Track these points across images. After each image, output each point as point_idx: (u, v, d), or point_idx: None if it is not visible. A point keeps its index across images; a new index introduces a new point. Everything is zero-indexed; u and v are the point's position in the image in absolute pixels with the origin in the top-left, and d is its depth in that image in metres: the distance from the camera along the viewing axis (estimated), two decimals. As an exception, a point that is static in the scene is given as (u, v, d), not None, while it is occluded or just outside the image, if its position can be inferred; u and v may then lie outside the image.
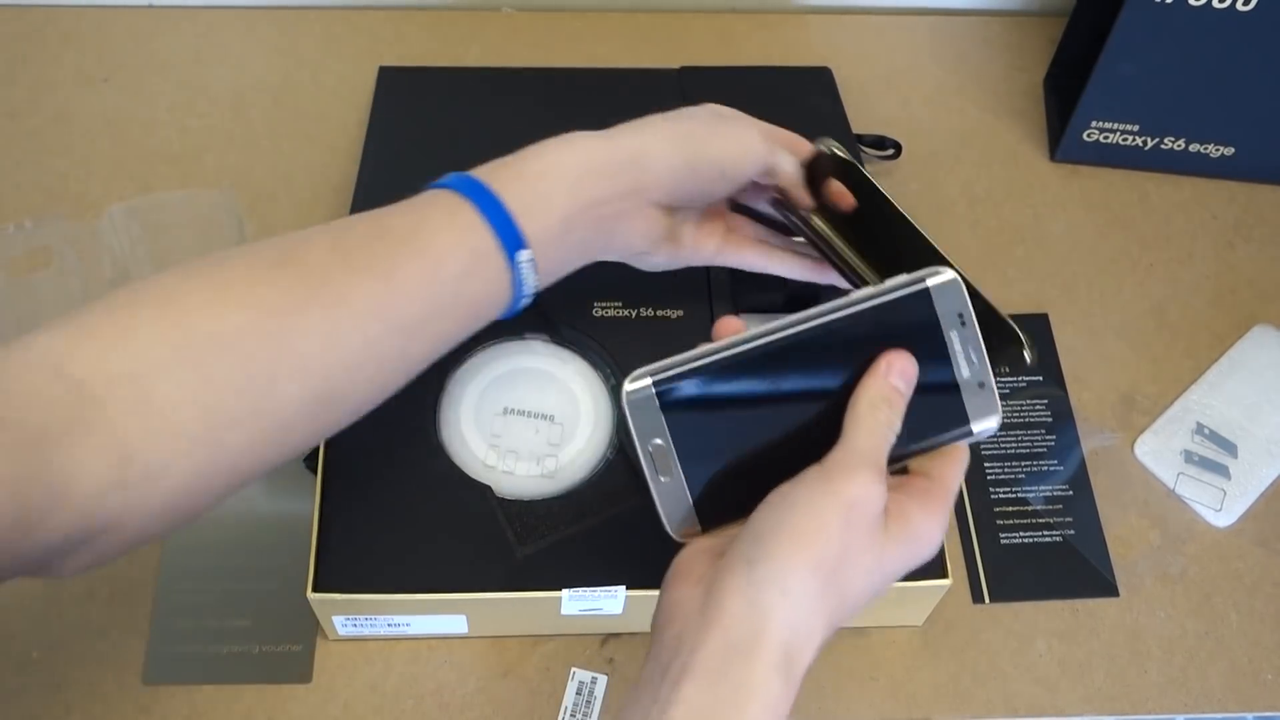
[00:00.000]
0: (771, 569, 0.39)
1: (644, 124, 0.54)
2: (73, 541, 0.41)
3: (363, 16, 0.85)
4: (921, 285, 0.43)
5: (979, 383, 0.43)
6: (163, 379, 0.42)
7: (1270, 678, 0.60)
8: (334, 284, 0.45)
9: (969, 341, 0.43)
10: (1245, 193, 0.80)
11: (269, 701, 0.57)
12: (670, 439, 0.43)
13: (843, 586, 0.40)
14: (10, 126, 0.78)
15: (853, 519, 0.40)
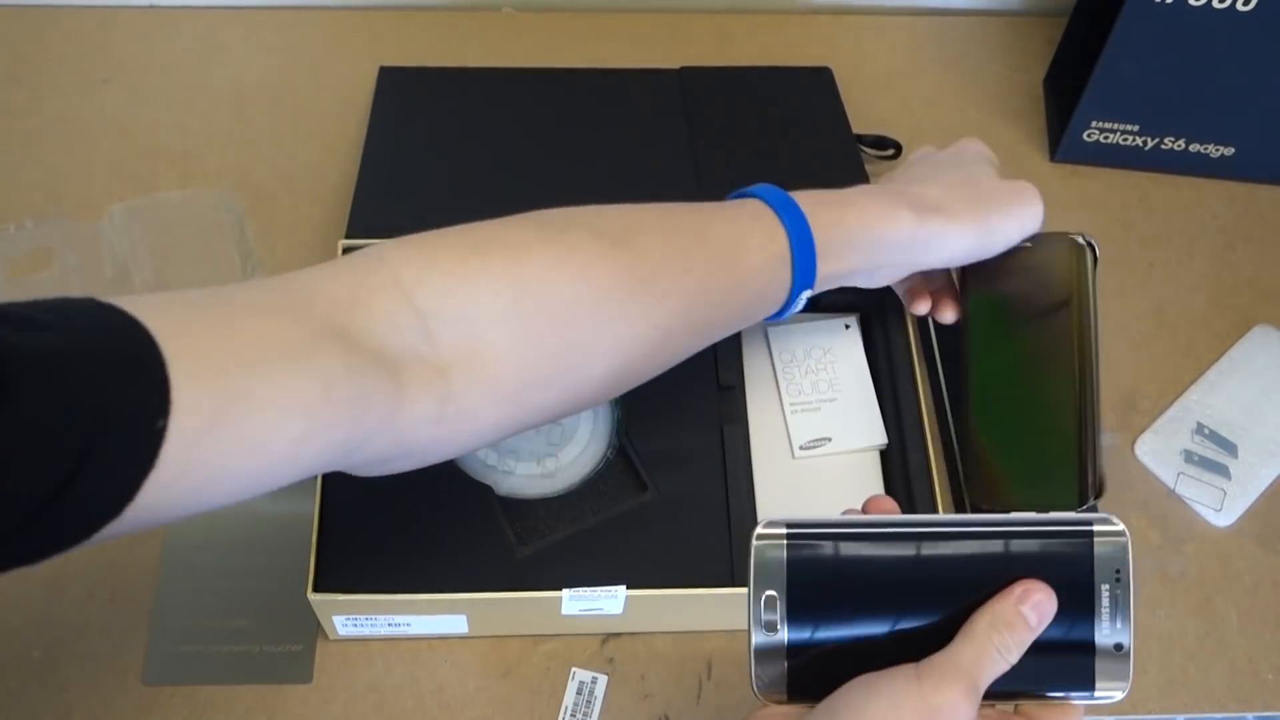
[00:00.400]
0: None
1: (948, 199, 0.54)
2: (372, 464, 0.44)
3: (363, 16, 0.85)
4: (1087, 528, 0.41)
5: (1116, 645, 0.40)
6: (493, 330, 0.44)
7: (1270, 677, 0.60)
8: (660, 280, 0.47)
9: (1119, 601, 0.41)
10: (1245, 193, 0.80)
11: (269, 701, 0.57)
12: (785, 596, 0.41)
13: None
14: (11, 126, 0.78)
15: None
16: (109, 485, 0.35)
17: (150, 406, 0.35)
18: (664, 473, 0.58)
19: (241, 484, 0.40)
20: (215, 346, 0.38)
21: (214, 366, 0.37)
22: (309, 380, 0.39)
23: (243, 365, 0.38)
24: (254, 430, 0.38)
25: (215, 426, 0.37)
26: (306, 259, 0.72)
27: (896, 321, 0.64)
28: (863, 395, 0.63)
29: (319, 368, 0.40)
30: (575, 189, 0.69)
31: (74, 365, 0.34)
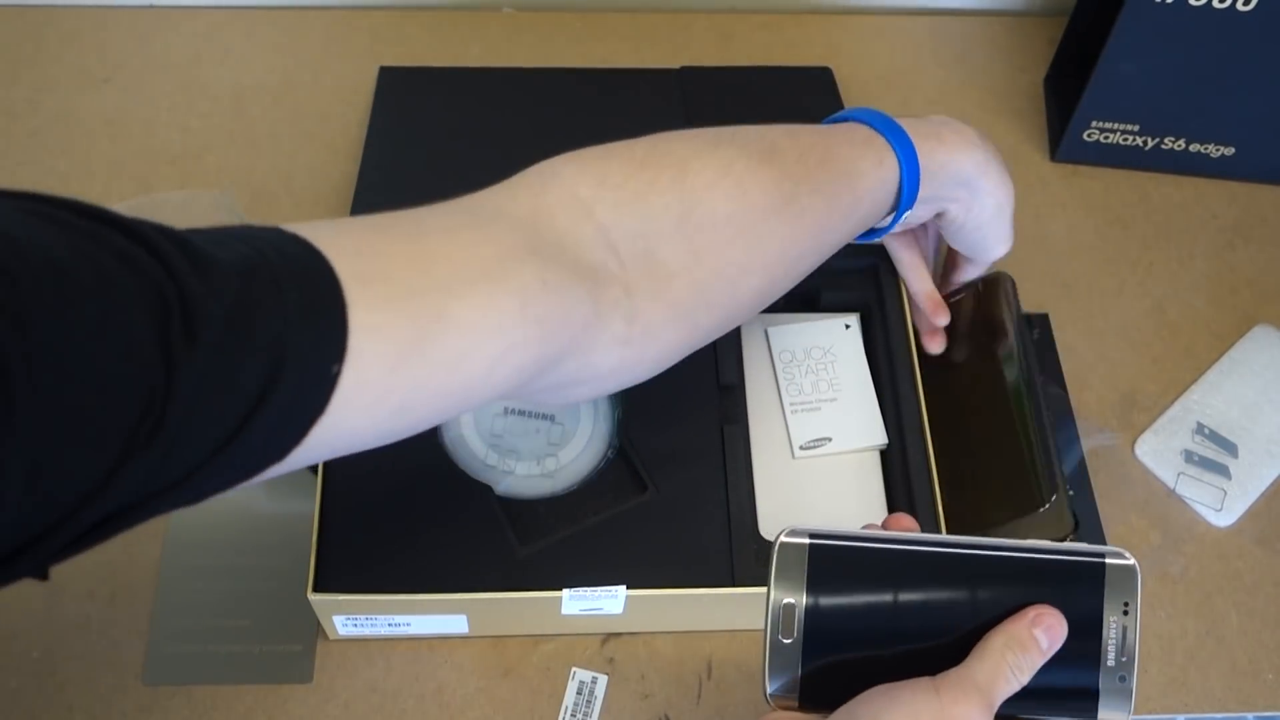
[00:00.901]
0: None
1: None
2: (555, 388, 0.44)
3: (363, 16, 0.85)
4: (1099, 560, 0.42)
5: (1120, 677, 0.41)
6: (666, 247, 0.44)
7: (1271, 677, 0.60)
8: (801, 196, 0.48)
9: (1126, 633, 0.41)
10: (1245, 193, 0.80)
11: (269, 701, 0.57)
12: (804, 602, 0.42)
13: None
14: (11, 126, 0.78)
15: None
16: (276, 431, 0.35)
17: (326, 351, 0.35)
18: (664, 473, 0.58)
19: (440, 405, 0.40)
20: (408, 269, 0.38)
21: (408, 289, 0.37)
22: (506, 297, 0.39)
23: (437, 286, 0.38)
24: (452, 351, 0.38)
25: (413, 350, 0.37)
26: (306, 259, 0.72)
27: (897, 321, 0.64)
28: (863, 395, 0.63)
29: (515, 285, 0.40)
30: (575, 189, 0.69)
31: (258, 299, 0.33)
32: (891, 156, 0.52)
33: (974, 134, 0.58)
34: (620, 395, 0.61)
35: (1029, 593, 0.41)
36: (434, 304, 0.38)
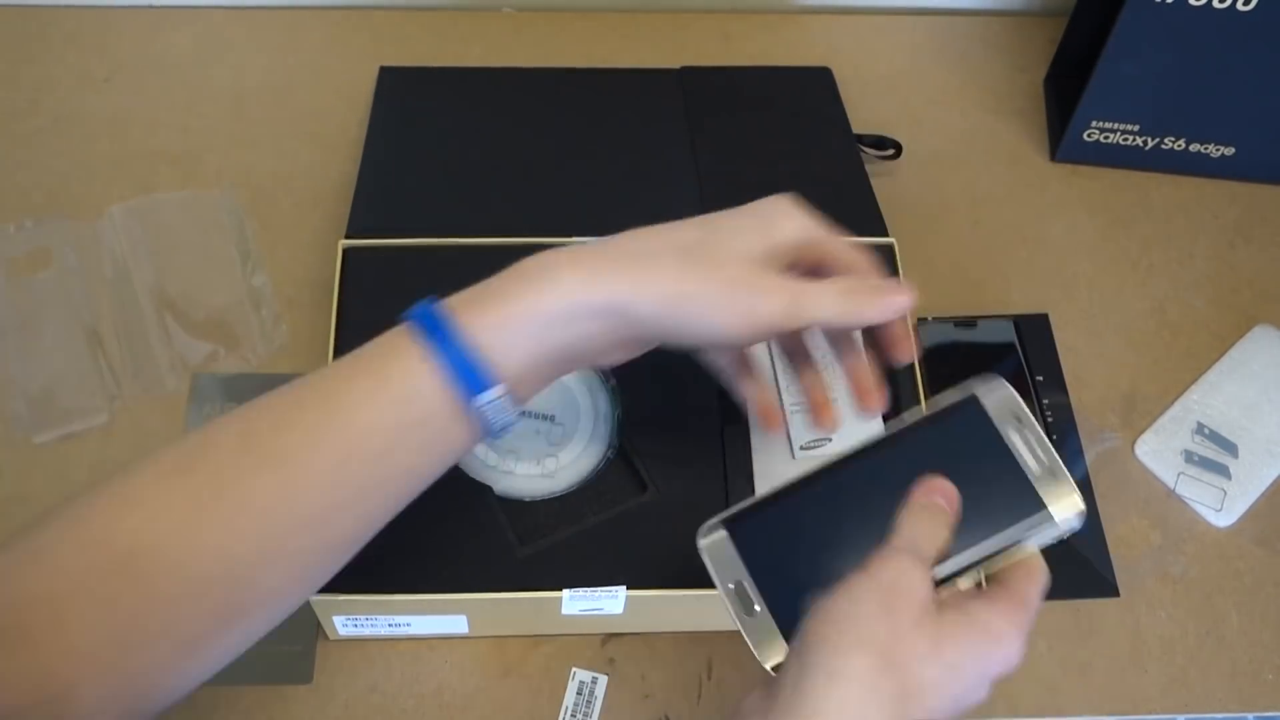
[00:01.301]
0: (818, 656, 0.39)
1: (653, 255, 0.47)
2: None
3: (363, 16, 0.85)
4: (969, 394, 0.44)
5: (1050, 472, 0.43)
6: (75, 601, 0.40)
7: (1271, 677, 0.60)
8: (239, 488, 0.42)
9: (1030, 437, 0.43)
10: (1246, 193, 0.80)
11: (269, 701, 0.57)
12: (749, 577, 0.44)
13: (901, 675, 0.39)
14: (11, 127, 0.78)
15: (893, 604, 0.39)
16: None
17: None
18: (664, 473, 0.58)
19: None
20: None
21: None
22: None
23: None
24: None
25: None
26: (306, 259, 0.72)
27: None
28: (863, 395, 0.63)
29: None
30: (575, 189, 0.69)
31: None
32: (415, 360, 0.44)
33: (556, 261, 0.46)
34: (620, 395, 0.61)
35: (930, 460, 0.44)
36: None
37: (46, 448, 0.64)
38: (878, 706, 0.38)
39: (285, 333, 0.69)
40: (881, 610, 0.39)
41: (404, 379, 0.44)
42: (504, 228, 0.66)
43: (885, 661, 0.38)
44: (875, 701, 0.38)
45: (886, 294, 0.47)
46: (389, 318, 0.62)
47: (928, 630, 0.40)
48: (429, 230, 0.65)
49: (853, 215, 0.68)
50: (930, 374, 0.68)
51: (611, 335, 0.46)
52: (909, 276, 0.69)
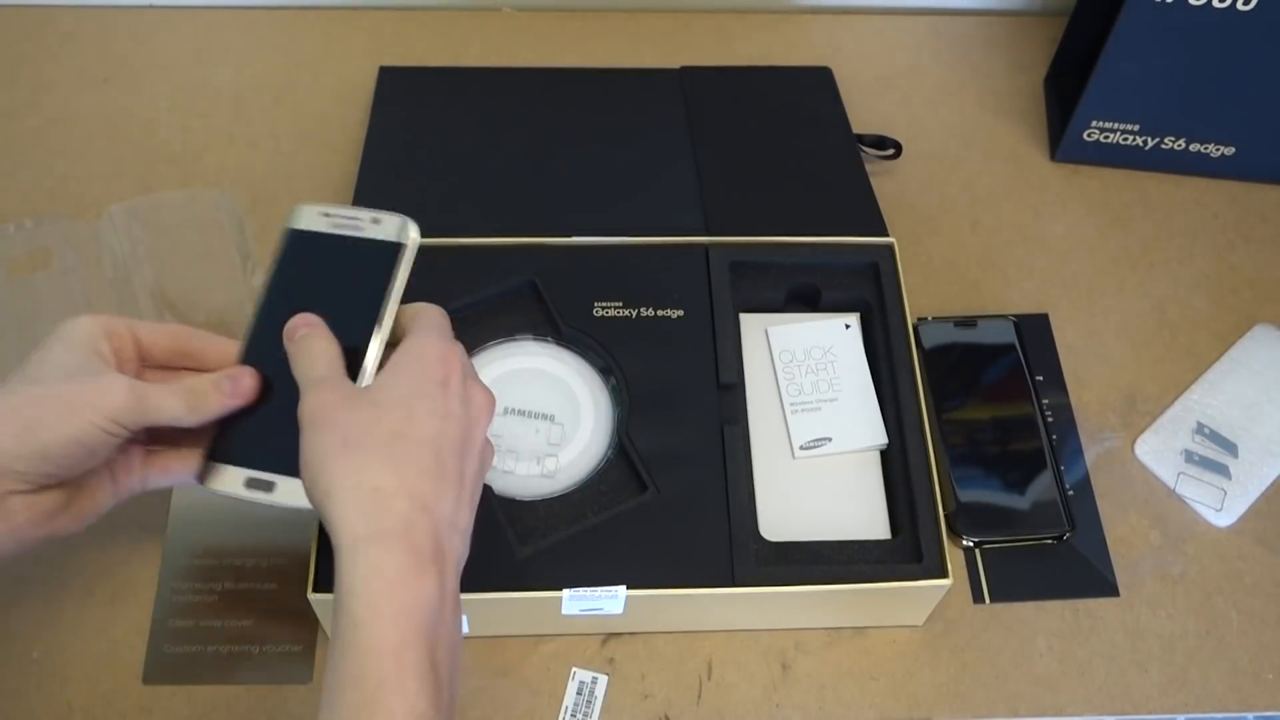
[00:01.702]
0: (311, 496, 0.44)
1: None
2: None
3: (363, 16, 0.85)
4: (285, 229, 0.52)
5: (372, 221, 0.52)
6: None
7: (1271, 677, 0.60)
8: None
9: (339, 215, 0.52)
10: (1246, 192, 0.80)
11: (269, 701, 0.57)
12: (250, 469, 0.50)
13: (366, 438, 0.43)
14: (10, 126, 0.78)
15: (319, 420, 0.44)
16: None
17: None
18: (664, 473, 0.58)
19: None
20: None
21: None
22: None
23: None
24: None
25: None
26: (306, 259, 0.72)
27: (897, 321, 0.64)
28: (863, 395, 0.63)
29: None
30: (575, 189, 0.69)
31: None
32: None
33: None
34: (620, 395, 0.61)
35: (300, 291, 0.51)
36: None
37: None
38: (367, 469, 0.42)
39: (285, 333, 0.69)
40: (318, 427, 0.44)
41: None
42: (504, 228, 0.66)
43: (346, 444, 0.43)
44: (361, 469, 0.42)
45: (224, 392, 0.50)
46: (389, 318, 0.62)
47: (361, 401, 0.45)
48: (429, 230, 0.65)
49: (853, 215, 0.68)
50: (930, 374, 0.68)
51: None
52: (909, 276, 0.69)
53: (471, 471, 0.46)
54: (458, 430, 0.45)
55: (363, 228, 0.52)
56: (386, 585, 0.40)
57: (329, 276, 0.51)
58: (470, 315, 0.63)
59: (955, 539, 0.63)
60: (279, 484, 0.49)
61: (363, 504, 0.42)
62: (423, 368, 0.46)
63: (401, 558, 0.41)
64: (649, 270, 0.64)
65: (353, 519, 0.42)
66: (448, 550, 0.43)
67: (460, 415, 0.45)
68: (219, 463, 0.50)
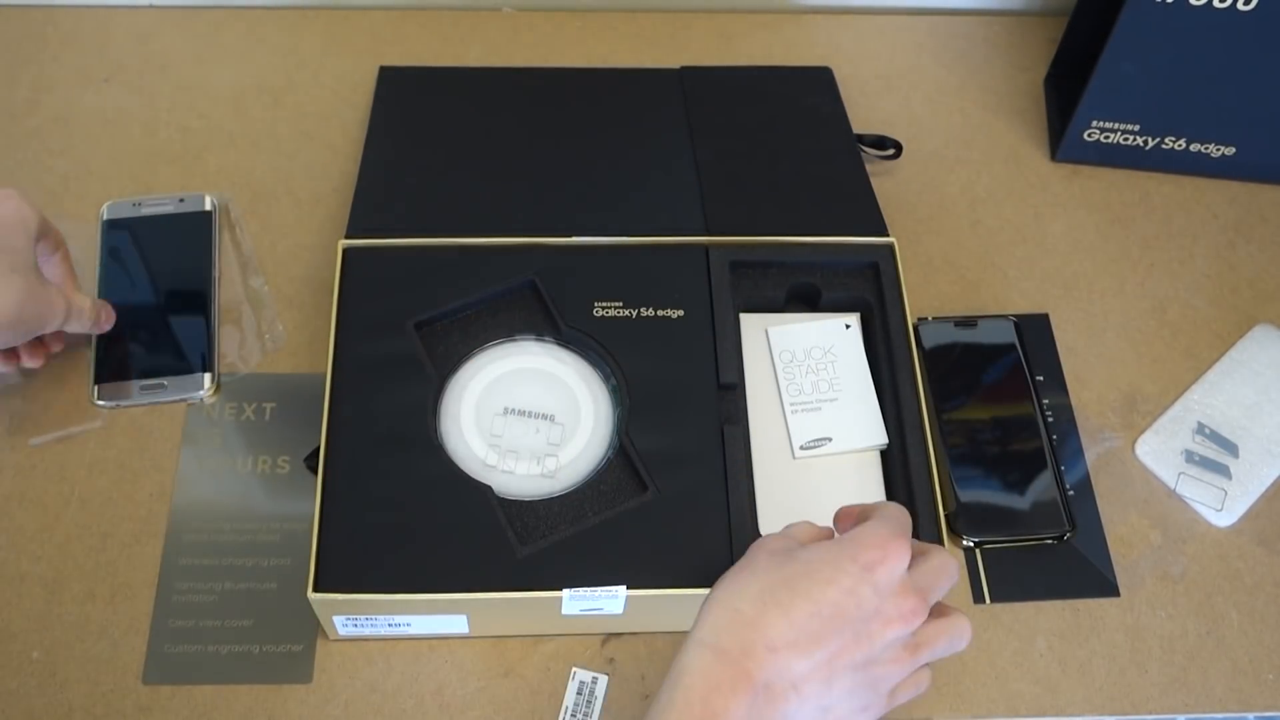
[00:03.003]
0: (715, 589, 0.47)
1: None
2: None
3: (363, 16, 0.85)
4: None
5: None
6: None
7: (1271, 678, 0.60)
8: None
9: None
10: (1246, 192, 0.80)
11: (269, 701, 0.57)
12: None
13: (765, 575, 0.46)
14: (10, 126, 0.78)
15: (754, 551, 0.48)
16: None
17: None
18: (664, 473, 0.58)
19: None
20: None
21: None
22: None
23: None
24: None
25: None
26: (306, 259, 0.72)
27: (897, 321, 0.64)
28: (863, 395, 0.63)
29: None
30: (575, 189, 0.69)
31: None
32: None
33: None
34: (620, 395, 0.61)
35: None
36: None
37: (46, 448, 0.64)
38: (742, 595, 0.45)
39: (284, 333, 0.69)
40: (747, 558, 0.48)
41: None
42: (504, 228, 0.66)
43: (750, 570, 0.47)
44: (739, 593, 0.45)
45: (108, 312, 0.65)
46: (389, 318, 0.62)
47: (786, 554, 0.47)
48: (429, 230, 0.65)
49: (853, 215, 0.68)
50: (930, 374, 0.68)
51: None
52: (909, 276, 0.70)
53: (855, 661, 0.44)
54: (854, 610, 0.44)
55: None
56: (701, 687, 0.43)
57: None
58: (470, 315, 0.64)
59: (955, 539, 0.63)
60: (167, 383, 0.65)
61: (721, 617, 0.45)
62: (855, 548, 0.46)
63: (721, 670, 0.43)
64: (649, 270, 0.64)
65: (706, 624, 0.45)
66: (779, 695, 0.43)
67: (868, 601, 0.44)
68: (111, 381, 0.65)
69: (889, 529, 0.47)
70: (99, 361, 0.66)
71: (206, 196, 0.72)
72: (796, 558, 0.46)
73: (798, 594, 0.44)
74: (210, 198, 0.72)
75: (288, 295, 0.70)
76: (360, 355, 0.61)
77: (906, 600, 0.45)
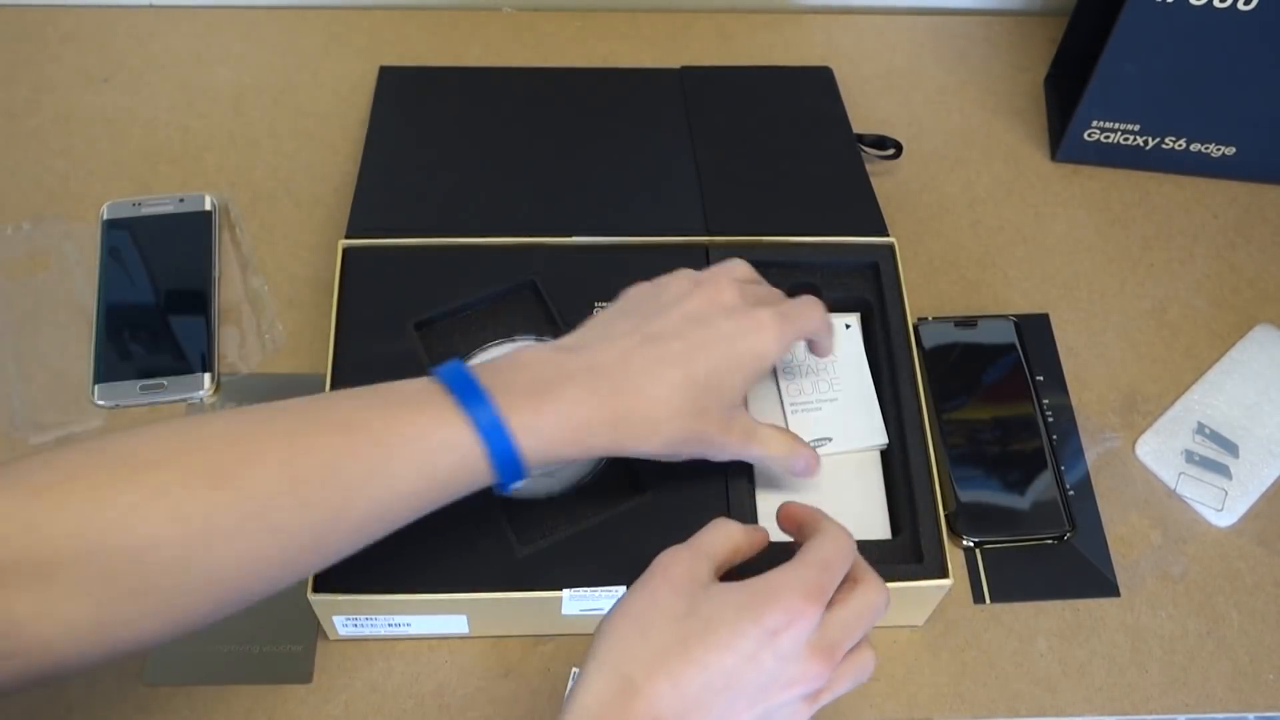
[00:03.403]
0: (603, 629, 0.45)
1: (657, 367, 0.50)
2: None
3: (363, 16, 0.85)
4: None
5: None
6: (67, 573, 0.41)
7: (1272, 678, 0.60)
8: (272, 516, 0.44)
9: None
10: (1246, 192, 0.80)
11: (269, 701, 0.57)
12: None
13: (661, 630, 0.43)
14: (10, 126, 0.78)
15: (653, 583, 0.46)
16: None
17: None
18: (664, 473, 0.58)
19: None
20: None
21: None
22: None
23: None
24: None
25: None
26: (306, 259, 0.72)
27: (897, 321, 0.64)
28: (863, 395, 0.63)
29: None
30: (575, 189, 0.69)
31: None
32: (468, 436, 0.47)
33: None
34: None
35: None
36: None
37: (46, 448, 0.64)
38: (634, 663, 0.43)
39: (283, 334, 0.69)
40: (642, 586, 0.46)
41: (454, 466, 0.47)
42: (504, 228, 0.66)
43: (640, 622, 0.44)
44: (637, 660, 0.43)
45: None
46: (389, 318, 0.62)
47: (683, 592, 0.44)
48: (429, 230, 0.65)
49: (853, 215, 0.68)
50: (930, 374, 0.68)
51: (633, 448, 0.51)
52: (909, 276, 0.69)
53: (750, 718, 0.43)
54: (751, 677, 0.42)
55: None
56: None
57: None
58: (470, 315, 0.64)
59: (955, 539, 0.63)
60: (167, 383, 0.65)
61: (609, 686, 0.42)
62: (761, 608, 0.43)
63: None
64: (649, 270, 0.64)
65: (596, 689, 0.42)
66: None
67: (767, 668, 0.42)
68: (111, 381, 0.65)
69: (805, 584, 0.44)
70: (99, 361, 0.66)
71: (206, 196, 0.72)
72: (698, 610, 0.43)
73: (690, 661, 0.42)
74: (210, 198, 0.72)
75: (288, 295, 0.70)
76: (360, 355, 0.61)
77: (812, 665, 0.43)
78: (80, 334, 0.68)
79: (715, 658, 0.42)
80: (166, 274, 0.70)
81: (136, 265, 0.70)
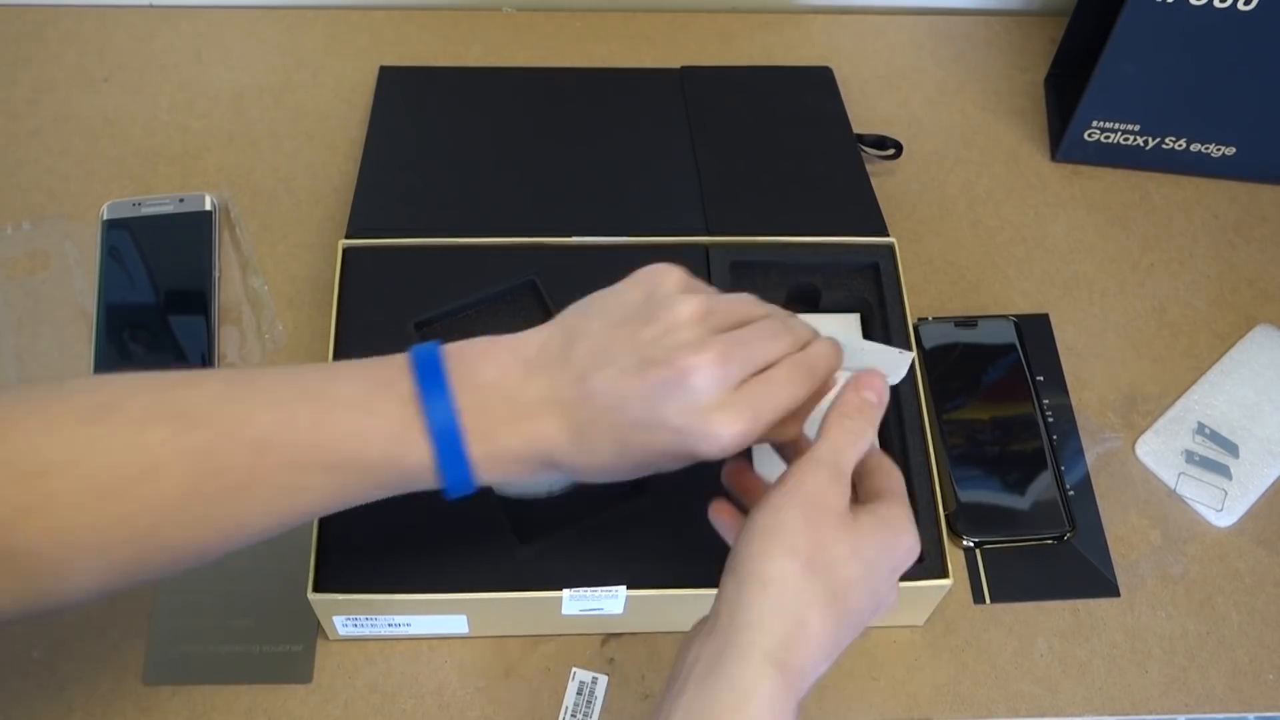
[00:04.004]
0: (751, 566, 0.41)
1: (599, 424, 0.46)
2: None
3: (363, 16, 0.85)
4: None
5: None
6: (80, 515, 0.41)
7: (1272, 678, 0.60)
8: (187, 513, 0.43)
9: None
10: (1246, 192, 0.80)
11: (269, 701, 0.57)
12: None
13: (827, 576, 0.41)
14: (10, 126, 0.78)
15: (814, 515, 0.42)
16: None
17: None
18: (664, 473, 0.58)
19: None
20: None
21: None
22: None
23: None
24: None
25: None
26: (306, 259, 0.72)
27: (897, 322, 0.64)
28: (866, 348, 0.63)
29: None
30: (575, 189, 0.69)
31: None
32: (417, 434, 0.45)
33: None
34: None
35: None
36: None
37: (46, 448, 0.64)
38: (810, 605, 0.41)
39: (283, 334, 0.69)
40: (805, 522, 0.42)
41: (401, 462, 0.46)
42: (504, 228, 0.66)
43: (812, 565, 0.41)
44: (807, 601, 0.41)
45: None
46: (389, 318, 0.62)
47: (846, 534, 0.42)
48: (429, 230, 0.65)
49: (853, 215, 0.68)
50: (930, 374, 0.68)
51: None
52: (909, 276, 0.69)
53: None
54: (872, 613, 0.43)
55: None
56: (764, 707, 0.39)
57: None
58: (470, 315, 0.64)
59: (955, 539, 0.63)
60: None
61: (788, 631, 0.40)
62: (894, 553, 0.43)
63: (786, 700, 0.40)
64: (649, 270, 0.64)
65: (775, 633, 0.40)
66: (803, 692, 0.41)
67: (887, 603, 0.44)
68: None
69: (911, 521, 0.45)
70: (99, 361, 0.66)
71: (206, 196, 0.72)
72: (860, 551, 0.42)
73: (855, 615, 0.42)
74: (210, 198, 0.72)
75: (288, 295, 0.70)
76: (360, 355, 0.61)
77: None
78: (80, 334, 0.67)
79: (864, 605, 0.43)
80: (166, 274, 0.70)
81: (136, 265, 0.70)
